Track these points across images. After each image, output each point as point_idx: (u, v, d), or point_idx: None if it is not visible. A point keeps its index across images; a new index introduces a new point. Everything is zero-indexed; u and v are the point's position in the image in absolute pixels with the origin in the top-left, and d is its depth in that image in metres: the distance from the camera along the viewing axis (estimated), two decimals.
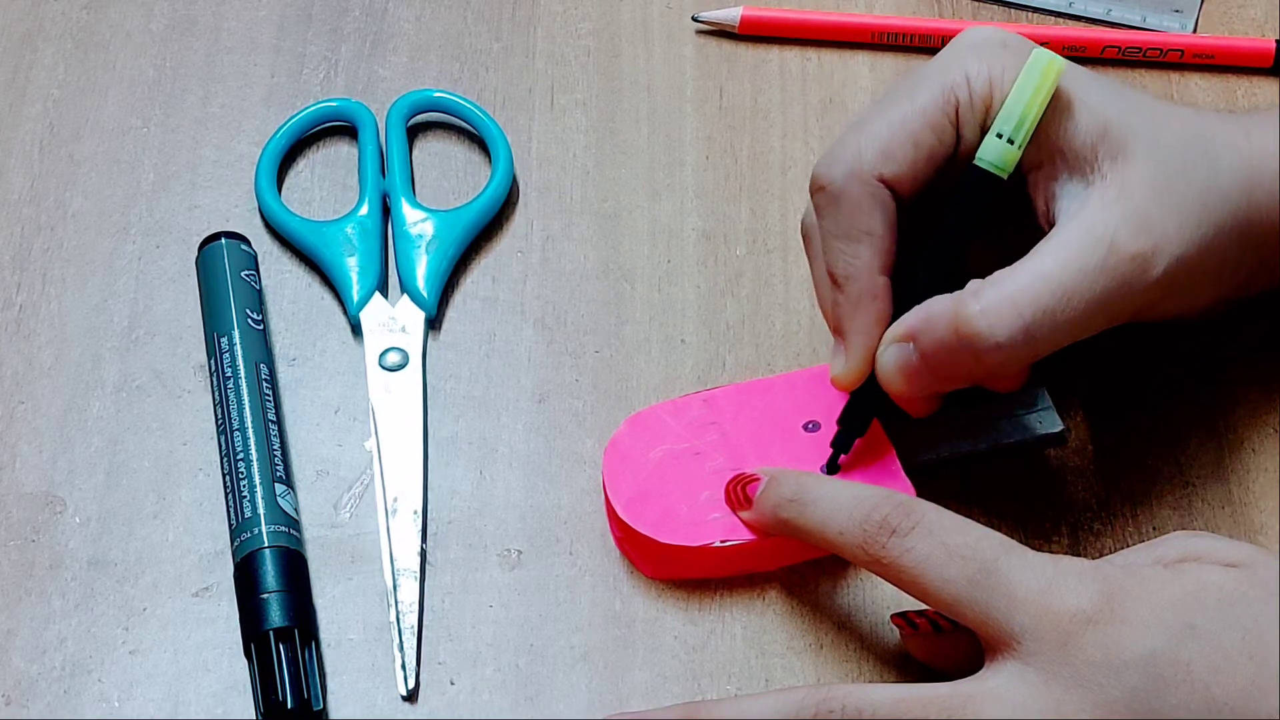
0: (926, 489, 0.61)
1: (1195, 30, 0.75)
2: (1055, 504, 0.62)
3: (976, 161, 0.58)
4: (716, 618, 0.59)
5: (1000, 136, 0.58)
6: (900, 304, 0.59)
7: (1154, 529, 0.61)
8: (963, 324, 0.56)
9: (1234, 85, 0.73)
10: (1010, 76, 0.58)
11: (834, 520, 0.55)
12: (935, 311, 0.57)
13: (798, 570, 0.60)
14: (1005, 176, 0.58)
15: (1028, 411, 0.63)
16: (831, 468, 0.61)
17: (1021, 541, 0.60)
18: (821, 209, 0.59)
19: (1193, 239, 0.57)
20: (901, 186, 0.58)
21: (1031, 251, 0.57)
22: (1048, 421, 0.63)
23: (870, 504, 0.55)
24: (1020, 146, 0.58)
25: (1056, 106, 0.58)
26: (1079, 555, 0.60)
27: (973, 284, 0.57)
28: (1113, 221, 0.56)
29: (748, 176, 0.70)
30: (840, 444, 0.61)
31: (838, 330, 0.60)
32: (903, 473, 0.60)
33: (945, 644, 0.55)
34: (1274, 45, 0.73)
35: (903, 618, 0.56)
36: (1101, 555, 0.60)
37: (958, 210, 0.59)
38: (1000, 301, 0.56)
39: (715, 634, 0.59)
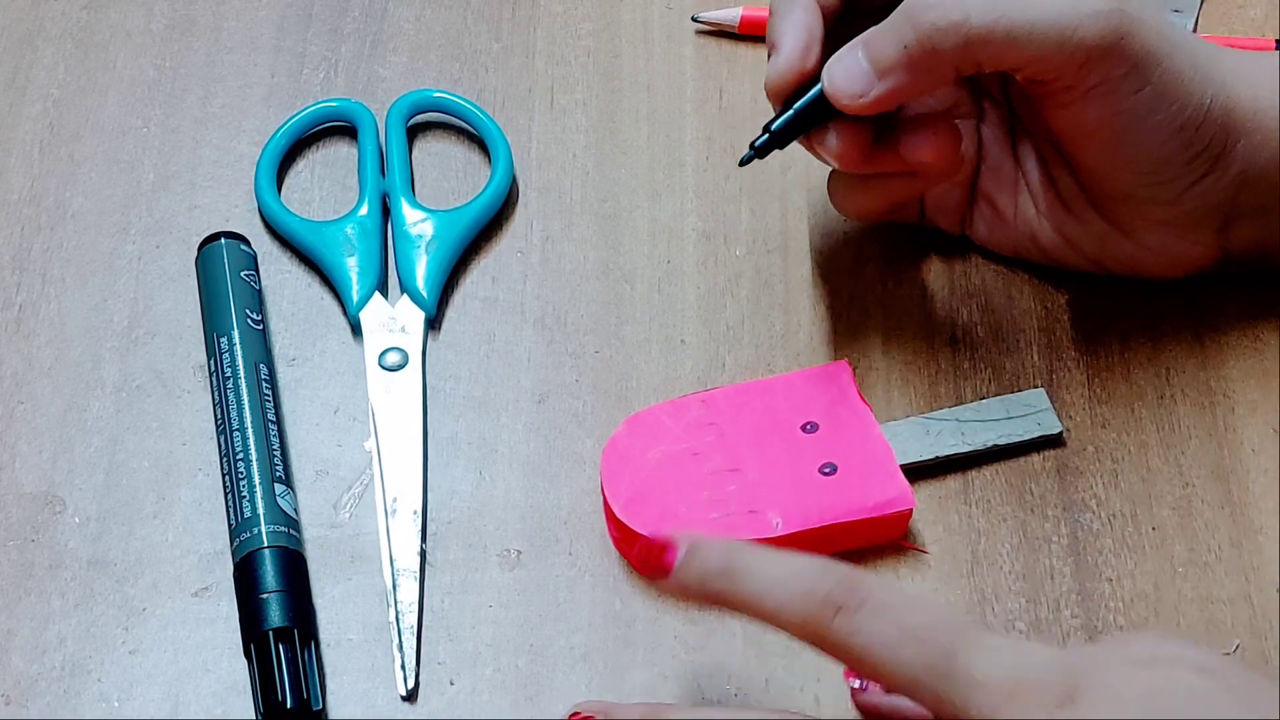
0: (925, 489, 0.61)
1: (1195, 30, 0.75)
2: (1055, 504, 0.62)
3: None
4: (716, 618, 0.59)
5: None
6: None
7: (1154, 529, 0.61)
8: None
9: None
10: None
11: (771, 595, 0.51)
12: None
13: None
14: None
15: (1026, 412, 0.63)
16: (746, 159, 0.62)
17: (1021, 541, 0.61)
18: None
19: (1168, 44, 0.58)
20: None
21: None
22: (1046, 423, 0.63)
23: (811, 578, 0.51)
24: None
25: None
26: (1079, 555, 0.60)
27: None
28: None
29: (748, 176, 0.70)
30: (760, 149, 0.62)
31: (772, 43, 0.61)
32: (900, 474, 0.60)
33: (897, 710, 0.53)
34: (1274, 45, 0.73)
35: (857, 674, 0.54)
36: (1101, 555, 0.60)
37: None
38: None
39: (715, 634, 0.59)
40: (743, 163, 0.62)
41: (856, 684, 0.54)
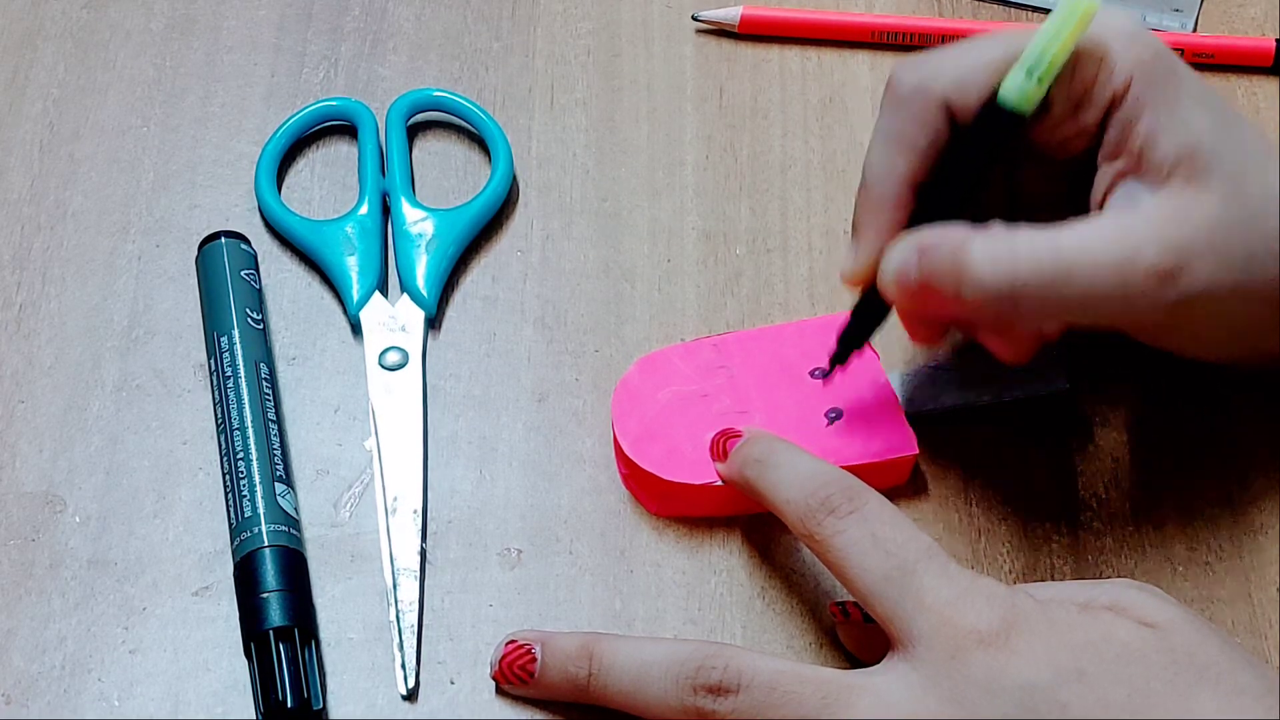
0: (926, 488, 0.61)
1: (1195, 29, 0.75)
2: (1055, 504, 0.62)
3: (999, 98, 0.57)
4: (717, 618, 0.59)
5: (1026, 75, 0.56)
6: (911, 224, 0.59)
7: (1154, 529, 0.61)
8: (961, 253, 0.56)
9: (1234, 85, 0.73)
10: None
11: (784, 487, 0.56)
12: (948, 234, 0.57)
13: (798, 570, 0.60)
14: (1026, 115, 0.57)
15: (1035, 366, 0.61)
16: (826, 375, 0.62)
17: (1022, 540, 0.61)
18: (884, 106, 0.59)
19: (1223, 284, 0.56)
20: (960, 116, 0.58)
21: (1062, 224, 0.56)
22: (1053, 377, 0.62)
23: (822, 480, 0.55)
24: (1043, 85, 0.57)
25: (1152, 109, 0.56)
26: (1079, 555, 0.60)
27: (995, 225, 0.57)
28: (1151, 234, 0.55)
29: (748, 176, 0.70)
30: (837, 357, 0.61)
31: (855, 228, 0.60)
32: (905, 421, 0.61)
33: (874, 636, 0.55)
34: (1274, 45, 0.73)
35: (839, 605, 0.57)
36: (1102, 555, 0.60)
37: (976, 144, 0.58)
38: (1003, 250, 0.56)
39: (715, 634, 0.59)
40: (832, 367, 0.61)
41: (839, 614, 0.57)
